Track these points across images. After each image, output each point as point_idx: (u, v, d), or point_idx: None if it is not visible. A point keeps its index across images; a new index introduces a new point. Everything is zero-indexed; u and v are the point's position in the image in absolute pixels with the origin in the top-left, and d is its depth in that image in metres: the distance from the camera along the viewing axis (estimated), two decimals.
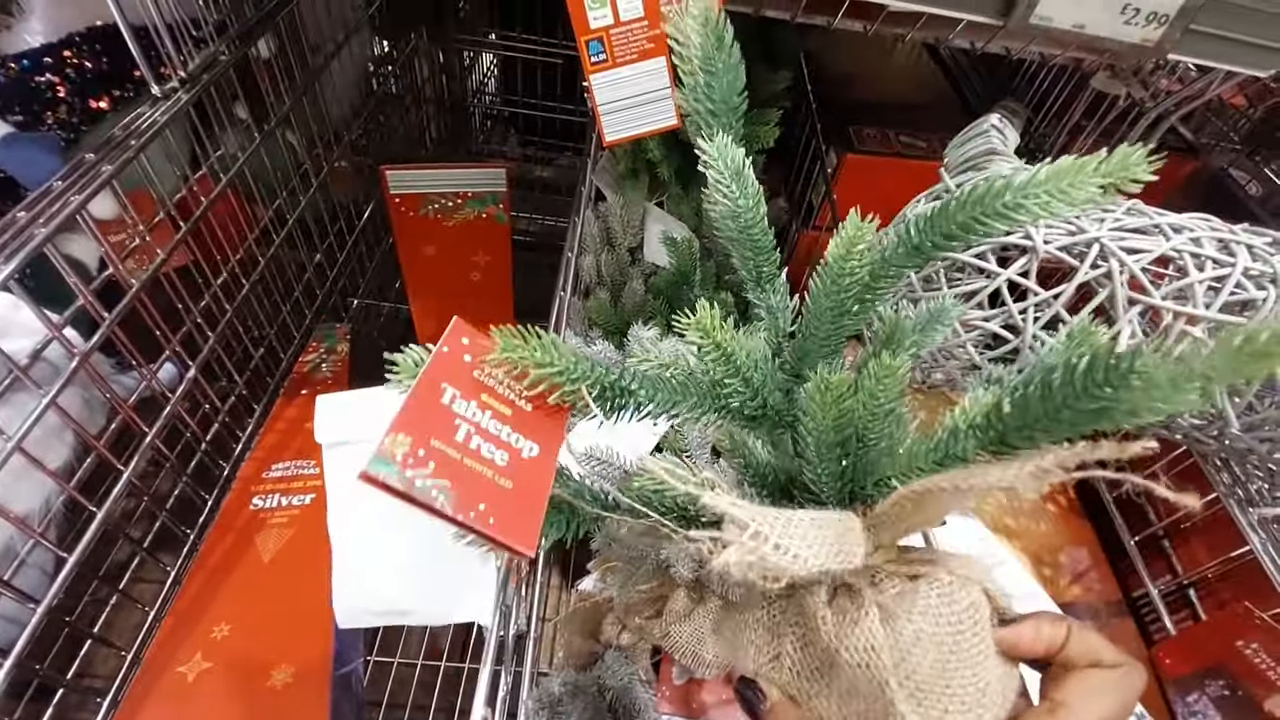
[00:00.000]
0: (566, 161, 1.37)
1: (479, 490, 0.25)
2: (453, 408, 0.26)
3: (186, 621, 0.55)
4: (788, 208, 0.80)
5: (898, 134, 0.75)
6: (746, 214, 0.31)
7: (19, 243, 0.45)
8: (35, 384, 0.48)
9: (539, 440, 0.28)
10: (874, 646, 0.26)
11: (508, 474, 0.26)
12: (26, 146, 0.52)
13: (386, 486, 0.23)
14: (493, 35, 1.25)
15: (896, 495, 0.26)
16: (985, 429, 0.26)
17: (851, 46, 0.87)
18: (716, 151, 0.30)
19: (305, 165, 0.83)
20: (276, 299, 0.80)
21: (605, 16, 0.41)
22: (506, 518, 0.25)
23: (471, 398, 0.27)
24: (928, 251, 0.29)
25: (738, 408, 0.31)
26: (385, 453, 0.24)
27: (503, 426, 0.27)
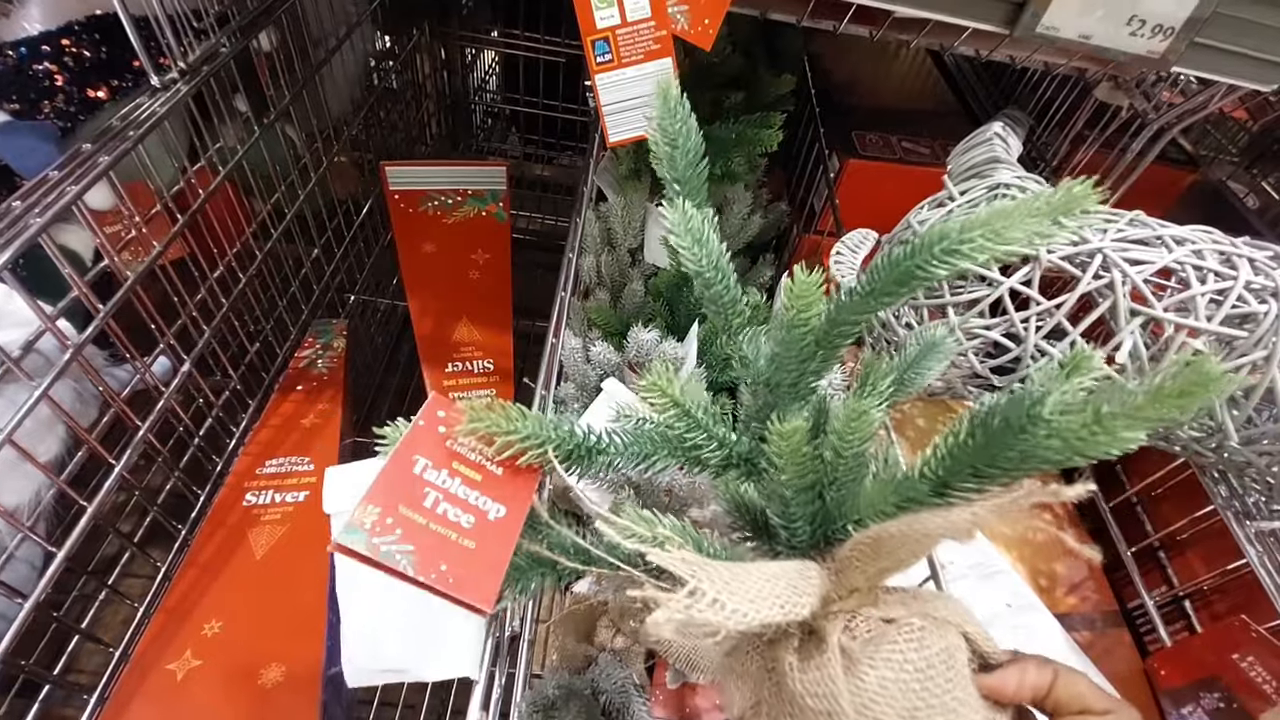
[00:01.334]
0: (567, 160, 1.37)
1: (442, 552, 0.28)
2: (424, 476, 0.29)
3: (177, 618, 0.54)
4: (789, 211, 0.80)
5: (900, 140, 0.75)
6: (709, 274, 0.32)
7: (14, 232, 0.45)
8: (27, 376, 0.48)
9: (507, 502, 0.31)
10: (834, 694, 0.26)
11: (472, 535, 0.29)
12: (23, 135, 0.52)
13: (353, 553, 0.26)
14: (495, 33, 1.25)
15: (852, 541, 0.27)
16: (934, 472, 0.27)
17: (855, 51, 0.87)
18: (678, 219, 0.31)
19: (304, 159, 0.82)
20: (273, 293, 0.80)
21: (612, 17, 0.41)
22: (466, 577, 0.27)
23: (443, 466, 0.30)
24: (881, 300, 0.29)
25: (706, 459, 0.33)
26: (355, 522, 0.27)
27: (471, 491, 0.30)
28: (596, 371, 0.64)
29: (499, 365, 0.80)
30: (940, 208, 0.49)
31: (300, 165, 0.81)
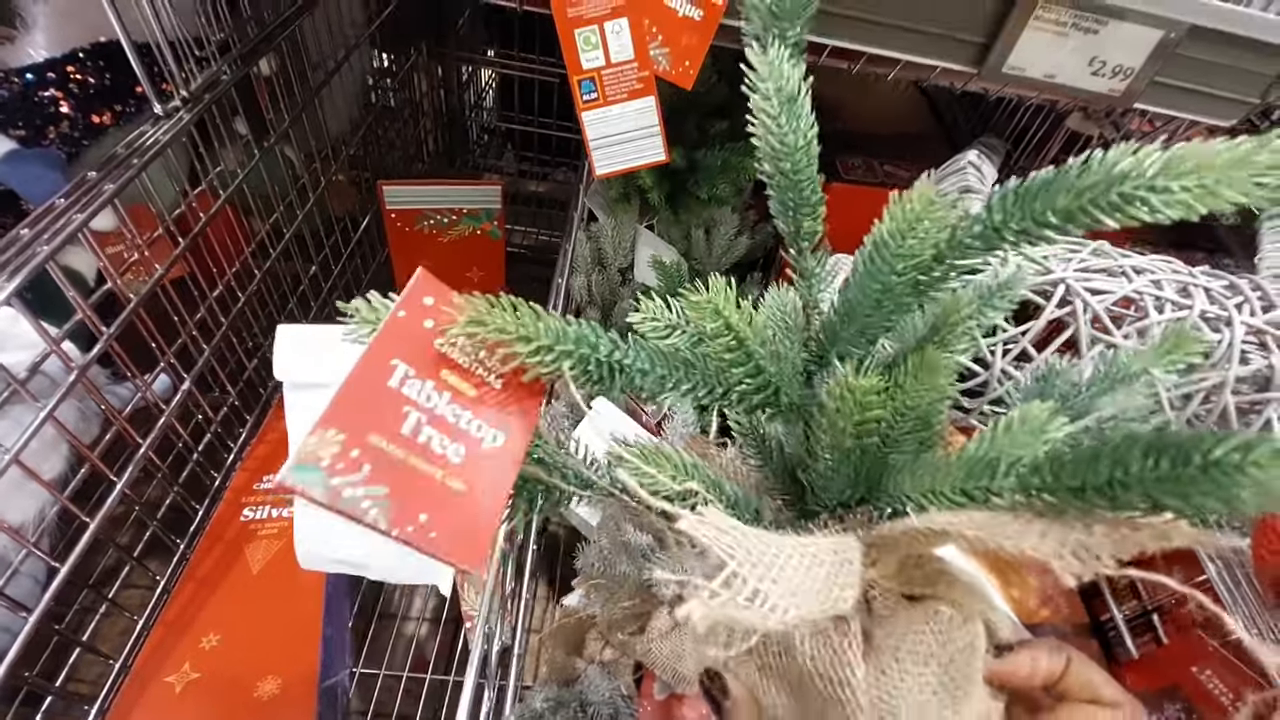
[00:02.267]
0: (562, 177, 1.39)
1: (422, 497, 0.21)
2: (402, 390, 0.22)
3: (175, 631, 0.56)
4: (774, 230, 0.82)
5: (883, 163, 0.77)
6: (795, 154, 0.25)
7: (22, 259, 0.47)
8: (33, 397, 0.49)
9: (506, 425, 0.24)
10: (848, 680, 0.24)
11: (461, 473, 0.22)
12: (30, 162, 0.53)
13: (308, 497, 0.20)
14: (491, 53, 1.27)
15: (908, 525, 0.23)
16: (1033, 474, 0.21)
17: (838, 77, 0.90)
18: (767, 69, 0.24)
19: (303, 179, 0.84)
20: (272, 310, 0.81)
21: (597, 58, 0.43)
22: (452, 529, 0.21)
23: (428, 376, 0.23)
24: (1007, 237, 0.22)
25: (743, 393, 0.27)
26: (308, 455, 0.20)
27: (463, 412, 0.23)
28: None
29: None
30: None
31: (299, 185, 0.83)
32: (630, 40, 0.42)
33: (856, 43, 0.47)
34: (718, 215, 0.74)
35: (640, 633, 0.60)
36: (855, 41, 0.47)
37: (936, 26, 0.46)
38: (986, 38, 0.45)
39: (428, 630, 0.86)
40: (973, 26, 0.46)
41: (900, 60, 0.49)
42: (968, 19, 0.46)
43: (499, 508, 0.23)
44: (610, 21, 0.41)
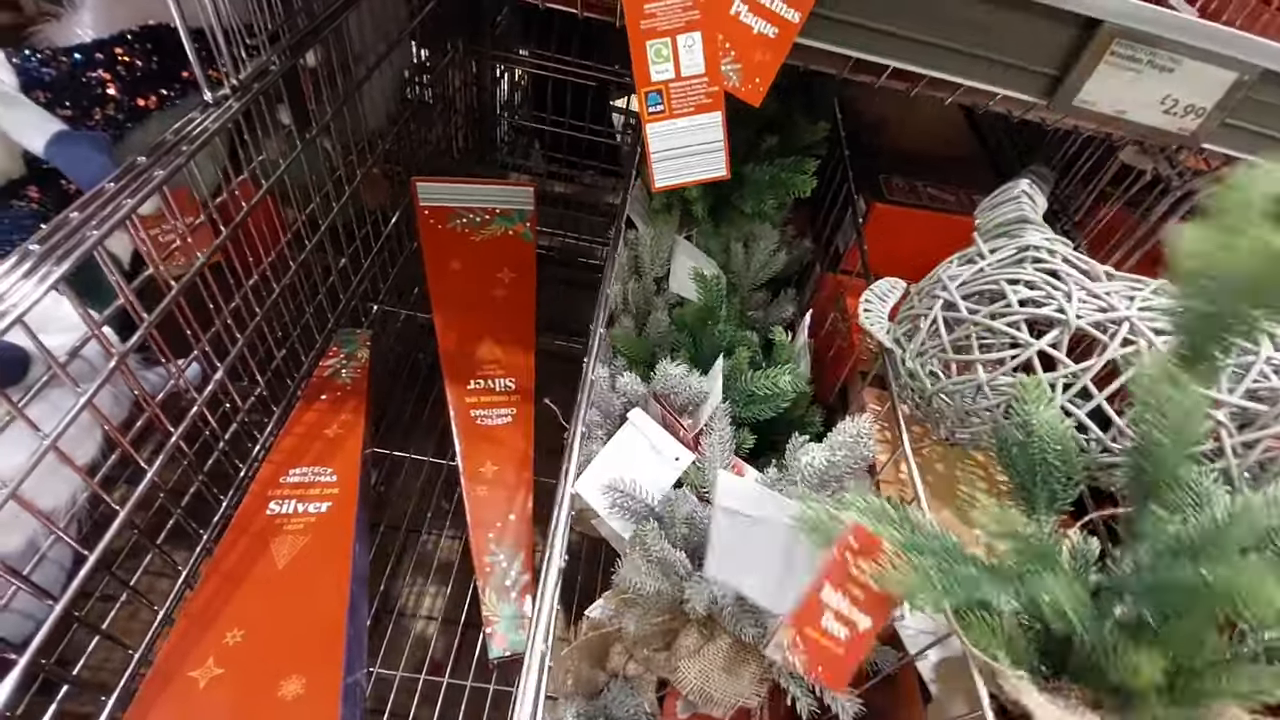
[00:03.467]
0: (590, 179, 1.39)
1: (822, 658, 0.37)
2: (825, 599, 0.37)
3: (200, 625, 0.55)
4: (813, 249, 0.82)
5: (926, 186, 0.77)
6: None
7: (72, 244, 0.46)
8: (74, 382, 0.49)
9: (873, 615, 0.37)
10: None
11: (843, 646, 0.37)
12: (80, 145, 0.53)
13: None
14: (525, 52, 1.27)
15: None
16: None
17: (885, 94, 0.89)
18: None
19: (339, 171, 0.83)
20: (302, 300, 0.81)
21: (667, 71, 0.42)
22: (832, 675, 0.38)
23: (839, 589, 0.37)
24: None
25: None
26: (778, 643, 0.38)
27: (853, 609, 0.37)
28: (621, 400, 0.66)
29: (520, 384, 0.81)
30: (970, 264, 0.50)
31: (335, 177, 0.83)
32: (703, 54, 0.42)
33: (924, 67, 0.46)
34: (758, 230, 0.73)
35: (667, 649, 0.59)
36: (923, 65, 0.46)
37: (1009, 55, 0.45)
38: (1059, 70, 0.45)
39: (435, 630, 0.85)
40: (1046, 58, 0.45)
41: (963, 85, 0.48)
42: (1041, 50, 0.45)
43: (856, 661, 0.38)
44: (684, 35, 0.41)
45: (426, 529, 0.91)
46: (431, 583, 0.90)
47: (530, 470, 0.77)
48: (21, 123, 0.52)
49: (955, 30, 0.45)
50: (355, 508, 0.67)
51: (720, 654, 0.55)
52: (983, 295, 0.48)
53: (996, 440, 0.46)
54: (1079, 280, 0.46)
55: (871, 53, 0.45)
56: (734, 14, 0.41)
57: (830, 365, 0.71)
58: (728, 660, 0.55)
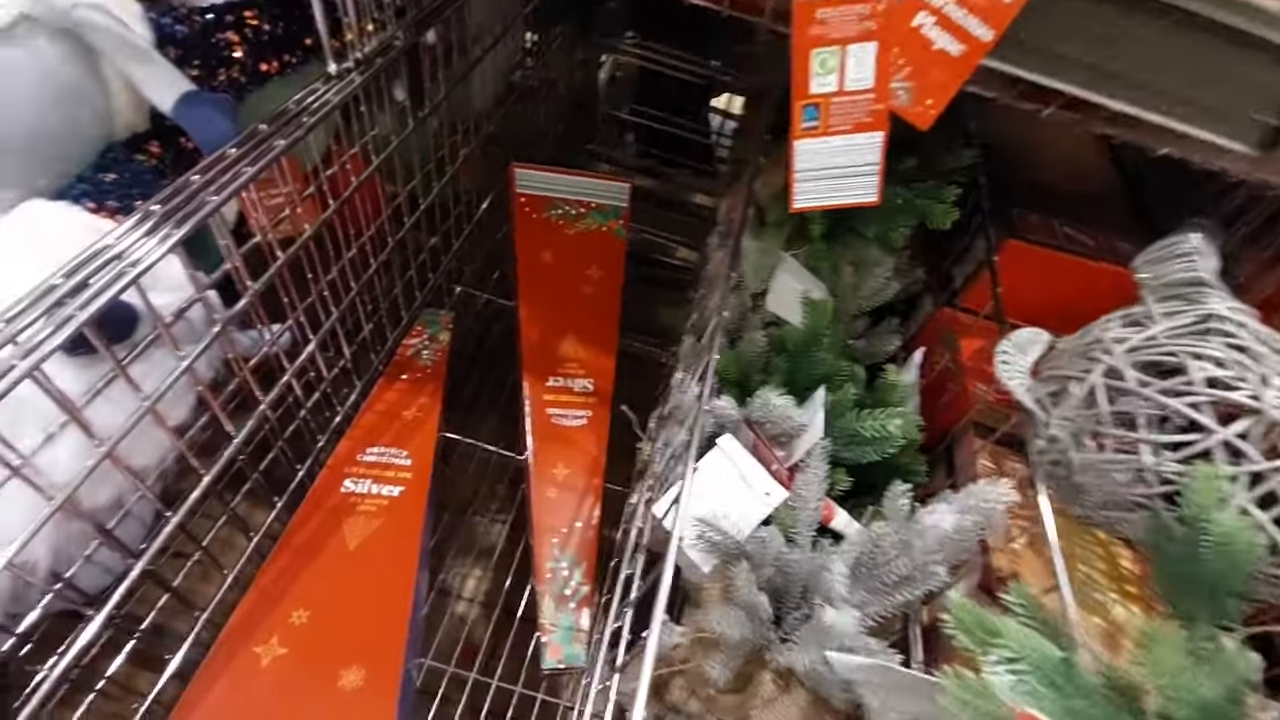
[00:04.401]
0: (681, 178, 1.35)
1: None
2: None
3: (267, 600, 0.55)
4: (925, 277, 0.76)
5: (1063, 224, 0.70)
6: None
7: (192, 208, 0.46)
8: (176, 343, 0.49)
9: None
10: None
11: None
12: (205, 106, 0.53)
13: None
14: (631, 42, 1.24)
15: None
16: None
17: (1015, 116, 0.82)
18: None
19: (443, 150, 0.82)
20: (393, 276, 0.80)
21: (830, 84, 0.38)
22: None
23: None
24: None
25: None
26: None
27: None
28: (711, 422, 0.62)
29: (599, 386, 0.79)
30: (1138, 327, 0.44)
31: (439, 156, 0.82)
32: (873, 68, 0.37)
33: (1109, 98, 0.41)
34: (873, 254, 0.68)
35: (735, 692, 0.56)
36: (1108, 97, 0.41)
37: (1220, 98, 0.39)
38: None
39: (475, 613, 0.84)
40: (1268, 106, 0.39)
41: (1144, 121, 0.42)
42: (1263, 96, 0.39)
43: None
44: (856, 45, 0.37)
45: (477, 510, 0.91)
46: (476, 565, 0.89)
47: (601, 478, 0.74)
48: (153, 78, 0.52)
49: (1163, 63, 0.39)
50: (426, 495, 0.66)
51: (797, 709, 0.51)
52: (1153, 366, 0.42)
53: (1151, 533, 0.41)
54: (1278, 364, 0.40)
55: (1061, 80, 0.39)
56: (916, 25, 0.36)
57: (938, 411, 0.65)
58: (804, 716, 0.51)
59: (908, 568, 0.47)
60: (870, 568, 0.50)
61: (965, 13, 0.36)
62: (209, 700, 0.49)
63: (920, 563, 0.44)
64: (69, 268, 0.41)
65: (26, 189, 0.50)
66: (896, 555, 0.47)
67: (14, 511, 0.41)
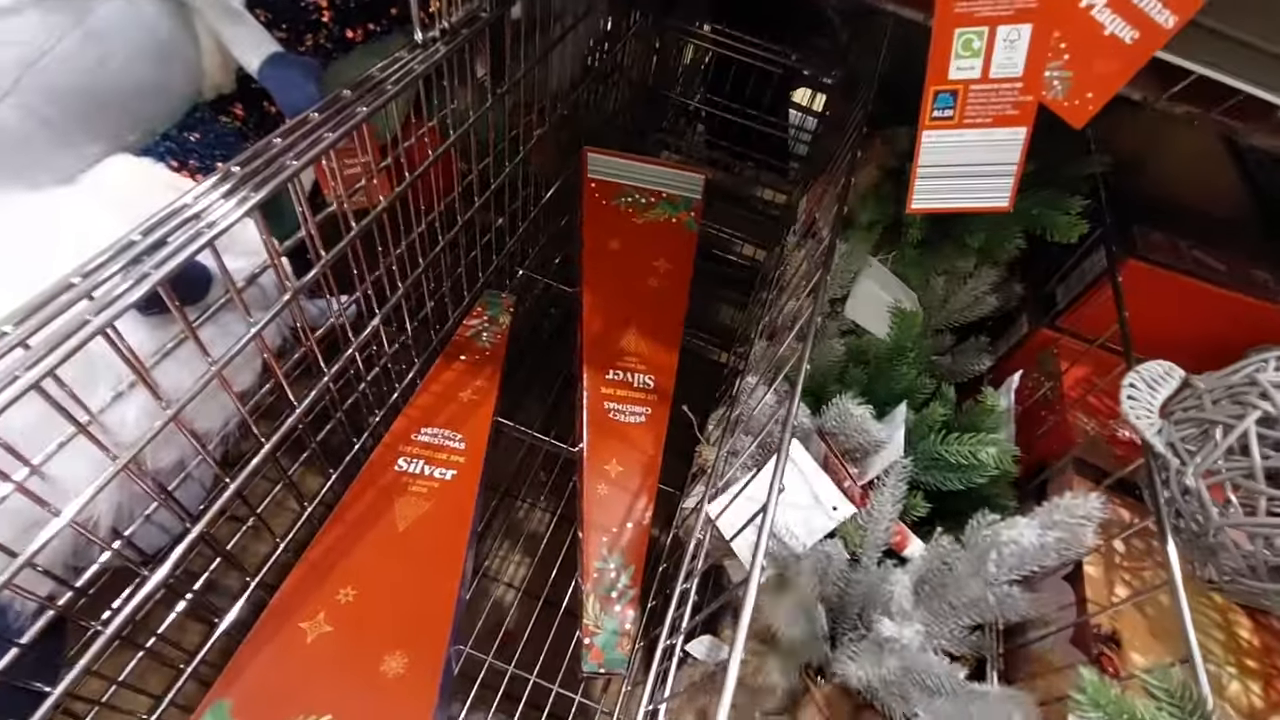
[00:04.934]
0: (751, 174, 1.31)
1: None
2: None
3: (316, 575, 0.54)
4: (1023, 292, 0.70)
5: (1190, 246, 0.63)
6: None
7: (271, 171, 0.44)
8: (247, 310, 0.48)
9: None
10: None
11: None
12: (291, 68, 0.52)
13: None
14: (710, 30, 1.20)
15: None
16: None
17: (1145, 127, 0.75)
18: None
19: (517, 130, 0.80)
20: (459, 254, 0.79)
21: (972, 68, 0.34)
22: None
23: None
24: None
25: None
26: None
27: None
28: (780, 429, 0.58)
29: (659, 384, 0.76)
30: None
31: (512, 135, 0.80)
32: (1026, 53, 0.33)
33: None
34: (971, 266, 0.63)
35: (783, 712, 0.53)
36: None
37: None
38: None
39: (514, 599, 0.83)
40: None
41: None
42: None
43: None
44: (1008, 26, 0.32)
45: (523, 496, 0.89)
46: (517, 551, 0.88)
47: (656, 478, 0.71)
48: (242, 39, 0.52)
49: None
50: (478, 481, 0.64)
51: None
52: None
53: None
54: None
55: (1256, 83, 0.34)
56: (1085, 6, 0.32)
57: (1032, 442, 0.60)
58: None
59: (980, 588, 0.42)
60: (936, 586, 0.45)
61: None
62: (252, 672, 0.48)
63: (994, 582, 0.40)
64: (147, 225, 0.40)
65: (116, 144, 0.50)
66: (968, 574, 0.43)
67: (80, 465, 0.40)
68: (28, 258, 0.43)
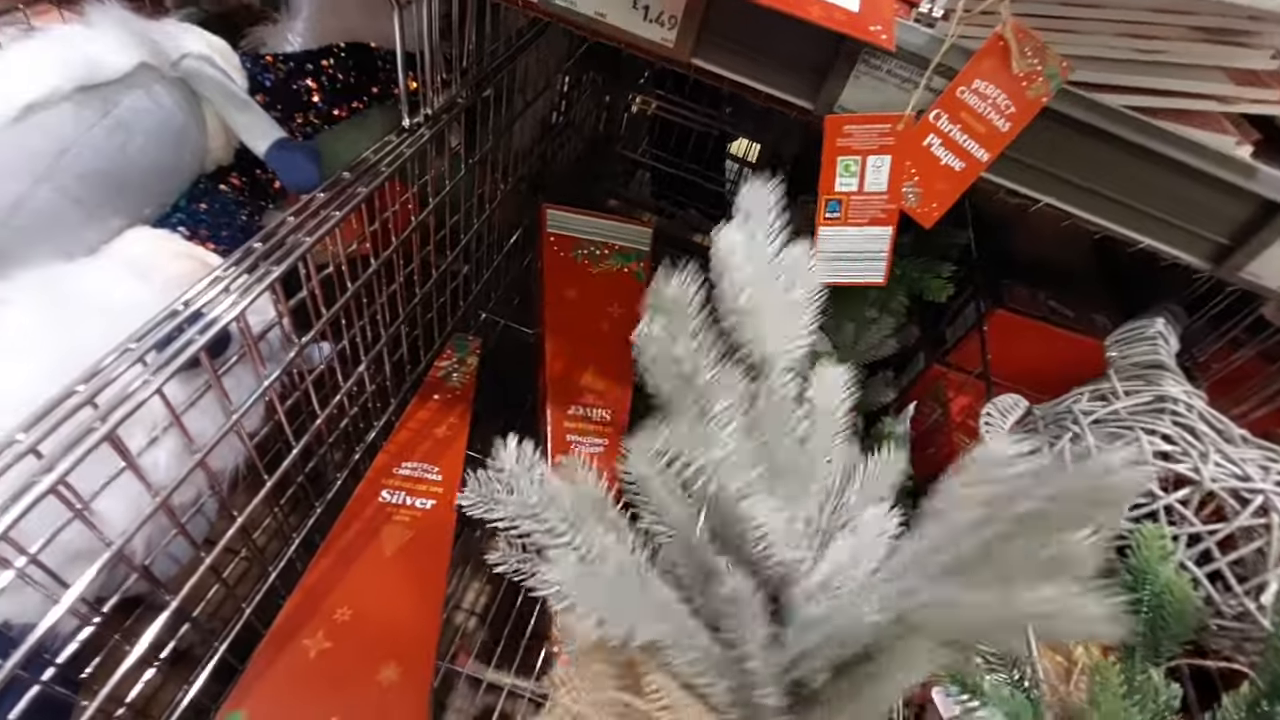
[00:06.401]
0: (693, 220, 1.43)
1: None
2: None
3: (314, 597, 0.60)
4: (920, 334, 0.83)
5: (1046, 297, 0.78)
6: None
7: (285, 249, 0.52)
8: (262, 362, 0.55)
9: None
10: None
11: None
12: (295, 153, 0.59)
13: None
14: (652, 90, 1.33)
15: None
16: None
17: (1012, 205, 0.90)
18: None
19: (484, 189, 0.89)
20: (430, 301, 0.87)
21: (851, 184, 0.45)
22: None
23: None
24: None
25: None
26: None
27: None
28: None
29: (615, 417, 0.85)
30: (1103, 402, 0.51)
31: (480, 194, 0.89)
32: (888, 176, 0.45)
33: (1096, 215, 0.48)
34: (872, 315, 0.76)
35: None
36: (1095, 214, 0.48)
37: (1182, 220, 0.47)
38: (1231, 241, 0.46)
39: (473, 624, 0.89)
40: (1219, 227, 0.46)
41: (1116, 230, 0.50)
42: (1216, 220, 0.46)
43: None
44: (875, 156, 0.44)
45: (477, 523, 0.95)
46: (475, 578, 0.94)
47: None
48: (251, 126, 0.59)
49: (1131, 188, 0.47)
50: (454, 508, 0.71)
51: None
52: (1114, 437, 0.49)
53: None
54: (1215, 442, 0.47)
55: (1044, 193, 0.47)
56: (926, 145, 0.44)
57: (925, 461, 0.72)
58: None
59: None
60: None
61: (967, 137, 0.43)
62: (262, 686, 0.54)
63: None
64: (185, 298, 0.47)
65: (135, 218, 0.56)
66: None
67: (118, 503, 0.46)
68: (71, 320, 0.49)
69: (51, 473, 0.38)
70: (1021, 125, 0.42)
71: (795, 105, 0.47)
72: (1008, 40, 0.40)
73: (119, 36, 0.56)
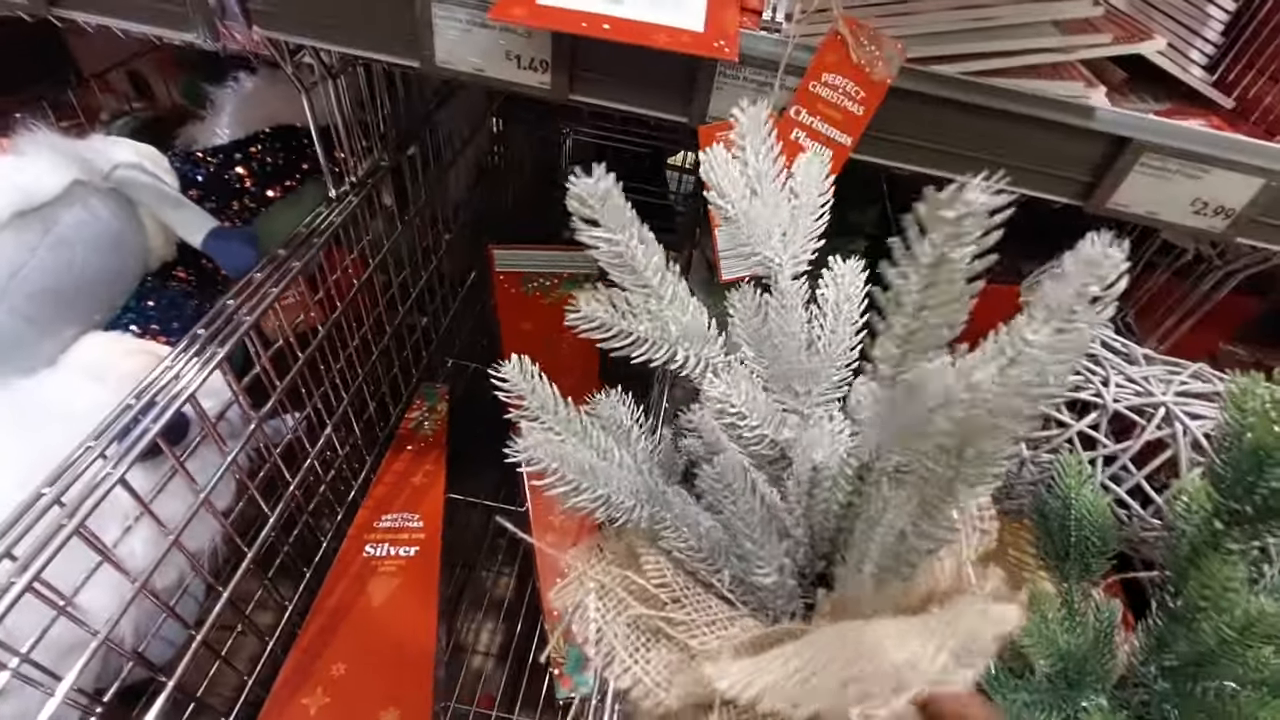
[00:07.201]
0: None
1: None
2: None
3: (310, 656, 0.62)
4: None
5: None
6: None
7: (230, 328, 0.55)
8: (222, 441, 0.57)
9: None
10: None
11: None
12: (231, 240, 0.63)
13: None
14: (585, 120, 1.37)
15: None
16: None
17: None
18: None
19: (427, 241, 0.93)
20: (391, 358, 0.90)
21: None
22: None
23: None
24: None
25: None
26: None
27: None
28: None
29: None
30: None
31: (423, 246, 0.93)
32: None
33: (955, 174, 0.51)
34: None
35: None
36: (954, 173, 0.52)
37: (1045, 166, 0.50)
38: (1093, 178, 0.49)
39: (492, 665, 0.91)
40: (1080, 168, 0.50)
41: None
42: (1076, 162, 0.50)
43: None
44: None
45: (482, 565, 0.97)
46: (488, 618, 0.95)
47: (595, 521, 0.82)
48: (186, 222, 0.62)
49: (991, 145, 0.50)
50: (439, 550, 0.74)
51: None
52: None
53: (1036, 513, 0.50)
54: (1117, 365, 0.50)
55: (913, 164, 0.50)
56: (794, 138, 0.47)
57: None
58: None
59: None
60: None
61: (828, 126, 0.47)
62: None
63: None
64: (138, 390, 0.50)
65: (87, 325, 0.59)
66: None
67: (100, 594, 0.49)
68: (35, 429, 0.51)
69: (26, 572, 0.41)
70: (873, 107, 0.46)
71: (675, 121, 0.51)
72: (843, 34, 0.43)
73: (50, 159, 0.59)
